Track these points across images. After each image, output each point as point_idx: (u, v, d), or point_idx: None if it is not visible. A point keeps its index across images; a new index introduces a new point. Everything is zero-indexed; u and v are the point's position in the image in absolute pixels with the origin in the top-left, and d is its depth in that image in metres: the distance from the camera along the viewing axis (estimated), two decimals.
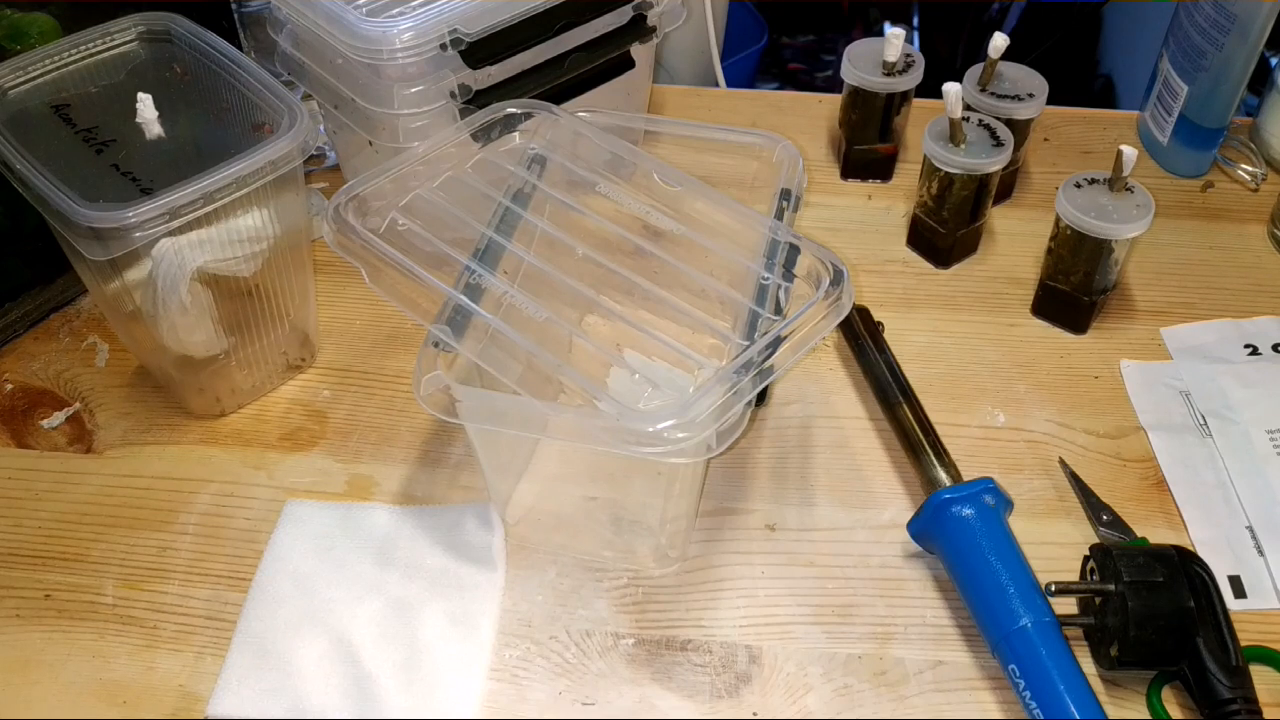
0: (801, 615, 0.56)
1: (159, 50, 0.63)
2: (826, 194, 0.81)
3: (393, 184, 0.57)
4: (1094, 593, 0.53)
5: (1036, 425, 0.65)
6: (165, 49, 0.63)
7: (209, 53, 0.62)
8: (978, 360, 0.69)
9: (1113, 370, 0.68)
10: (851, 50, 0.79)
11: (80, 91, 0.61)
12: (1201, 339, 0.70)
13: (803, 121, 0.88)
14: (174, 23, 0.63)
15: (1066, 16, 1.52)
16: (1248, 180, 0.82)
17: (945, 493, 0.55)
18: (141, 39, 0.63)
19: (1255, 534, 0.59)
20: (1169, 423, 0.65)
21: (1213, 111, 0.78)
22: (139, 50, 0.63)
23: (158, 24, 0.63)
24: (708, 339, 0.54)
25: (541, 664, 0.54)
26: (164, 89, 0.61)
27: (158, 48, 0.63)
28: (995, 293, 0.73)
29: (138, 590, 0.57)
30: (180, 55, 0.63)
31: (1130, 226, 0.65)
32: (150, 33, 0.63)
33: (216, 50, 0.62)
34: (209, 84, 0.62)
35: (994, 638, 0.52)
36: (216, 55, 0.61)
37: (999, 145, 0.70)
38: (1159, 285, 0.74)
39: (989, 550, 0.53)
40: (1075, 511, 0.60)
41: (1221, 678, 0.50)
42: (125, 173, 0.57)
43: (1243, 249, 0.77)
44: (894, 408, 0.63)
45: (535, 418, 0.49)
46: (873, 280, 0.74)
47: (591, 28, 0.70)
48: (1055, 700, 0.49)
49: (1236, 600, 0.56)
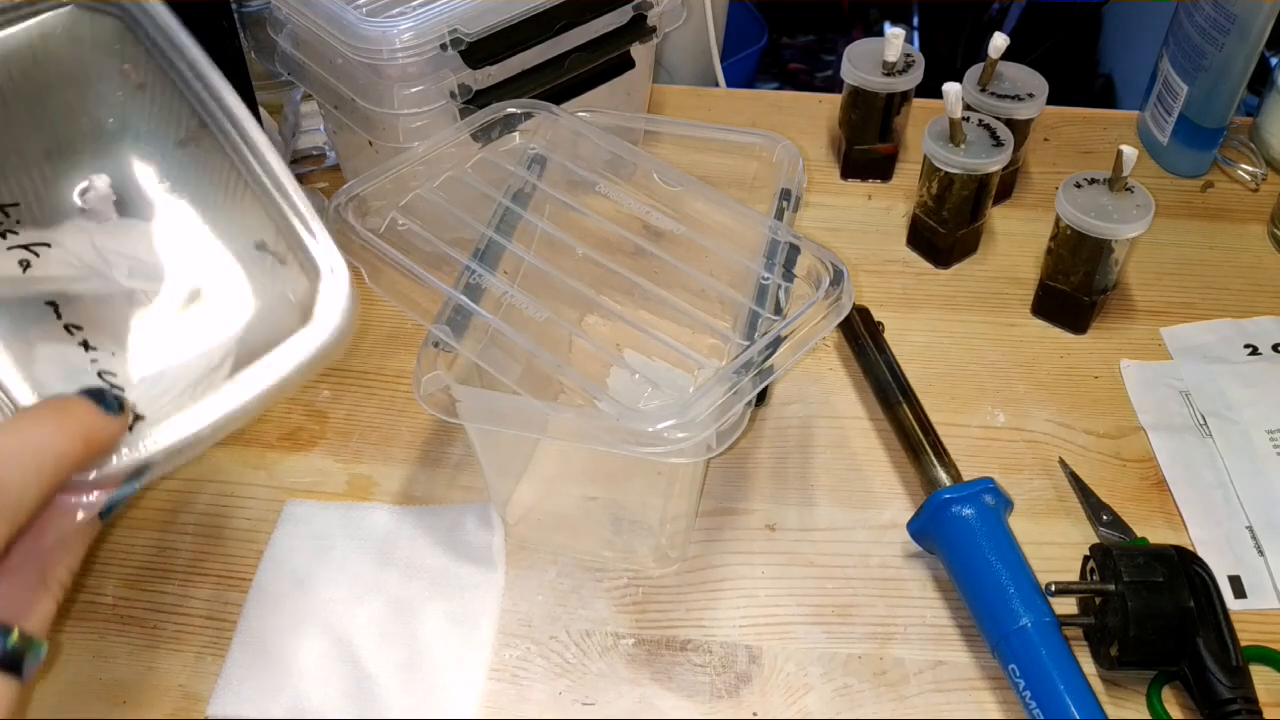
0: (801, 615, 0.56)
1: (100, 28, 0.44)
2: (826, 194, 0.81)
3: (393, 184, 0.57)
4: (1094, 593, 0.53)
5: (1036, 425, 0.65)
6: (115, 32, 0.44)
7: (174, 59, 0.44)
8: (978, 360, 0.69)
9: (1113, 370, 0.68)
10: (851, 50, 0.79)
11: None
12: (1201, 339, 0.70)
13: (803, 121, 0.88)
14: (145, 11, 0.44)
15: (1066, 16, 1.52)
16: (1248, 180, 0.82)
17: (945, 493, 0.55)
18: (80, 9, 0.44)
19: (1255, 534, 0.59)
20: (1169, 423, 0.65)
21: (1213, 111, 0.78)
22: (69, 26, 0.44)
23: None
24: (708, 339, 0.54)
25: (541, 664, 0.54)
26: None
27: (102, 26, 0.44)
28: (995, 293, 0.73)
29: (138, 590, 0.57)
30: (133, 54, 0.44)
31: (1130, 226, 0.65)
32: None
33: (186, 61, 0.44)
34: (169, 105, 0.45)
35: (994, 638, 0.52)
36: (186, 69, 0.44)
37: (999, 145, 0.70)
38: (1159, 285, 0.74)
39: (989, 550, 0.53)
40: (1075, 511, 0.60)
41: (1221, 678, 0.50)
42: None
43: (1243, 249, 0.77)
44: (894, 408, 0.63)
45: (535, 418, 0.49)
46: (873, 280, 0.74)
47: (591, 28, 0.70)
48: (1055, 700, 0.49)
49: (1236, 600, 0.56)
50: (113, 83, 0.44)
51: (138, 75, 0.44)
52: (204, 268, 0.43)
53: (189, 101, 0.44)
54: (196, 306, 0.43)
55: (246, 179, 0.44)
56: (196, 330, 0.42)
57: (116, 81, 0.44)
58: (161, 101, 0.44)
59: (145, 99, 0.44)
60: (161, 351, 0.42)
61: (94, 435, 0.37)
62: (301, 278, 0.43)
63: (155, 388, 0.41)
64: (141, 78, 0.44)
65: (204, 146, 0.44)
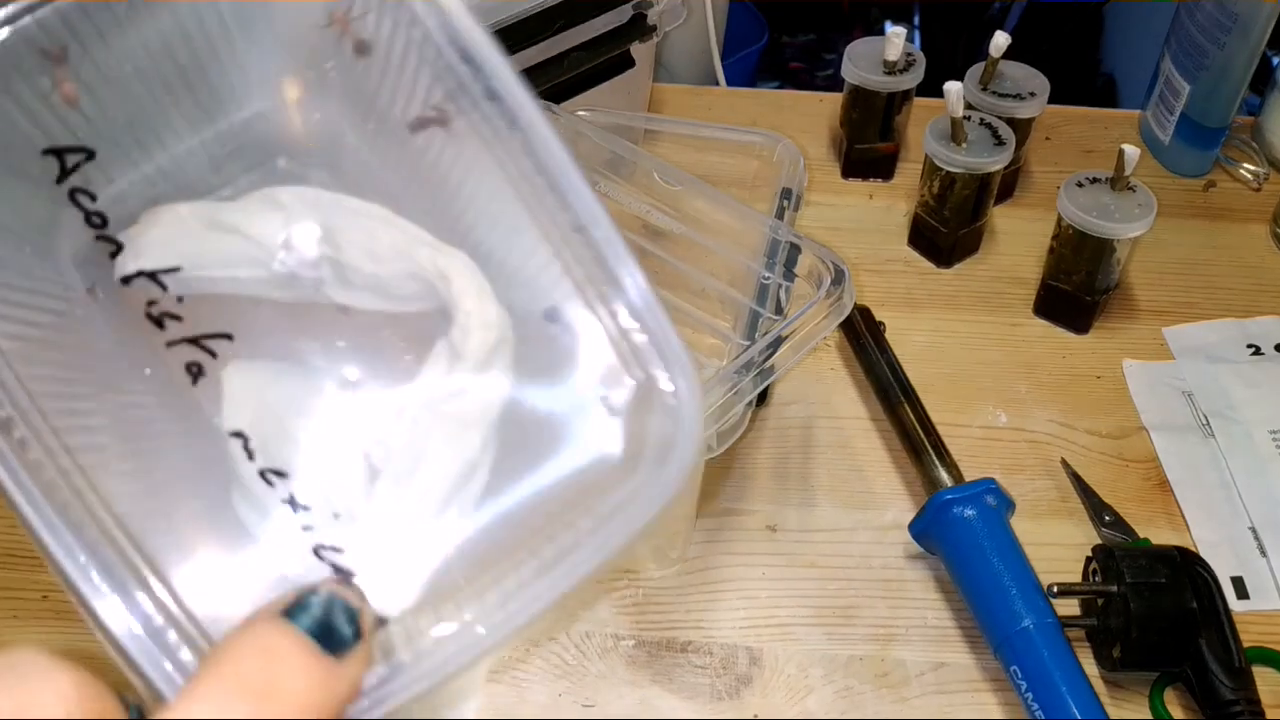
0: (802, 616, 0.56)
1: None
2: (827, 193, 0.81)
3: None
4: (1096, 594, 0.53)
5: (1038, 425, 0.64)
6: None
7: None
8: (979, 360, 0.68)
9: (1115, 370, 0.68)
10: (852, 49, 0.79)
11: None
12: (1204, 339, 0.69)
13: (803, 120, 0.87)
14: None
15: (1068, 15, 1.51)
16: (1250, 180, 0.81)
17: (947, 493, 0.55)
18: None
19: (1258, 535, 0.59)
20: (1171, 423, 0.64)
21: (1215, 111, 0.78)
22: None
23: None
24: (708, 339, 0.54)
25: (541, 665, 0.54)
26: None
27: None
28: (997, 292, 0.73)
29: None
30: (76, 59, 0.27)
31: (1132, 226, 0.64)
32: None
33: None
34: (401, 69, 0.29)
35: (996, 639, 0.52)
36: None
37: (1000, 144, 0.70)
38: (1161, 285, 0.73)
39: (991, 551, 0.53)
40: (1077, 512, 0.60)
41: (1224, 679, 0.50)
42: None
43: (1245, 248, 0.76)
44: (895, 408, 0.62)
45: None
46: (874, 280, 0.74)
47: (591, 26, 0.70)
48: (1057, 702, 0.49)
49: (1239, 601, 0.56)
50: (316, 44, 0.28)
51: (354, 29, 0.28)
52: (465, 354, 0.27)
53: (430, 64, 0.27)
54: (449, 429, 0.26)
55: (524, 194, 0.27)
56: (454, 464, 0.26)
57: (323, 41, 0.28)
58: (388, 64, 0.28)
59: (363, 65, 0.28)
60: (407, 502, 0.26)
61: (310, 701, 0.21)
62: (622, 377, 0.27)
63: (401, 578, 0.25)
64: (360, 32, 0.28)
65: (453, 132, 0.28)
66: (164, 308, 0.26)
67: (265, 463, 0.25)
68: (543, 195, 0.27)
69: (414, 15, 0.27)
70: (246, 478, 0.25)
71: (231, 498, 0.25)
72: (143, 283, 0.26)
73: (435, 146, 0.28)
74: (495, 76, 0.27)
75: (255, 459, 0.25)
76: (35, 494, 0.23)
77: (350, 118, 0.29)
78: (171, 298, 0.26)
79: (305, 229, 0.27)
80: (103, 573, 0.24)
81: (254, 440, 0.26)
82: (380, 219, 0.27)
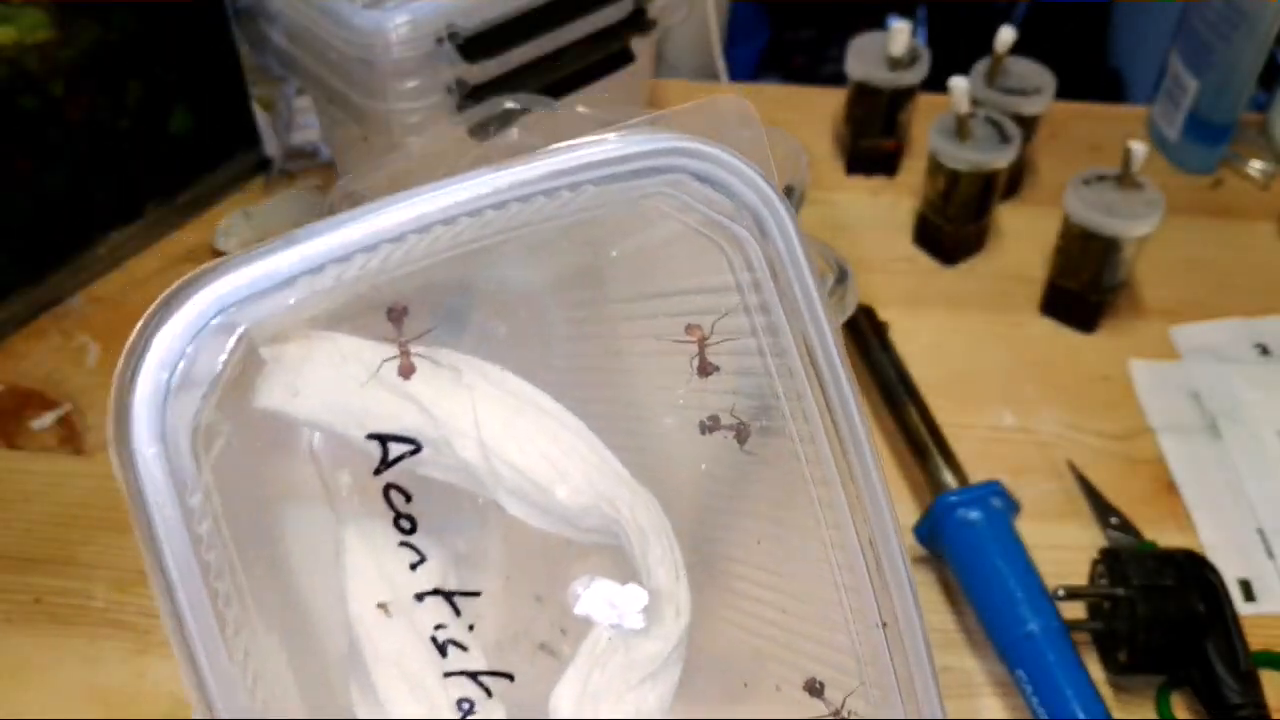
0: None
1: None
2: (831, 190, 0.80)
3: (388, 181, 0.56)
4: (1103, 597, 0.52)
5: (1044, 426, 0.64)
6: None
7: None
8: (985, 360, 0.68)
9: (1122, 370, 0.67)
10: (856, 44, 0.78)
11: None
12: (1212, 338, 0.69)
13: (806, 116, 0.87)
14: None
15: (1075, 10, 1.51)
16: (1258, 177, 0.81)
17: (951, 496, 0.55)
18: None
19: (1266, 537, 0.58)
20: (1179, 424, 0.64)
21: (1222, 107, 0.78)
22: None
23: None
24: None
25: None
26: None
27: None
28: (1002, 291, 0.72)
29: (129, 594, 0.56)
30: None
31: (1139, 224, 0.64)
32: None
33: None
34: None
35: (1001, 643, 0.51)
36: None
37: (1006, 141, 0.69)
38: (1169, 283, 0.73)
39: (996, 554, 0.53)
40: (1083, 514, 0.59)
41: (1231, 683, 0.49)
42: None
43: (1253, 247, 0.76)
44: (899, 408, 0.62)
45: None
46: (878, 278, 0.73)
47: (591, 21, 0.69)
48: (1063, 706, 0.48)
49: (1246, 604, 0.55)
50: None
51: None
52: (659, 636, 0.29)
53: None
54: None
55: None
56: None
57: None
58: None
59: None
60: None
61: None
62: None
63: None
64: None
65: (769, 436, 0.28)
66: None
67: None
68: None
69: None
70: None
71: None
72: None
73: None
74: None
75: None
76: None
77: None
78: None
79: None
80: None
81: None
82: (573, 430, 0.27)
